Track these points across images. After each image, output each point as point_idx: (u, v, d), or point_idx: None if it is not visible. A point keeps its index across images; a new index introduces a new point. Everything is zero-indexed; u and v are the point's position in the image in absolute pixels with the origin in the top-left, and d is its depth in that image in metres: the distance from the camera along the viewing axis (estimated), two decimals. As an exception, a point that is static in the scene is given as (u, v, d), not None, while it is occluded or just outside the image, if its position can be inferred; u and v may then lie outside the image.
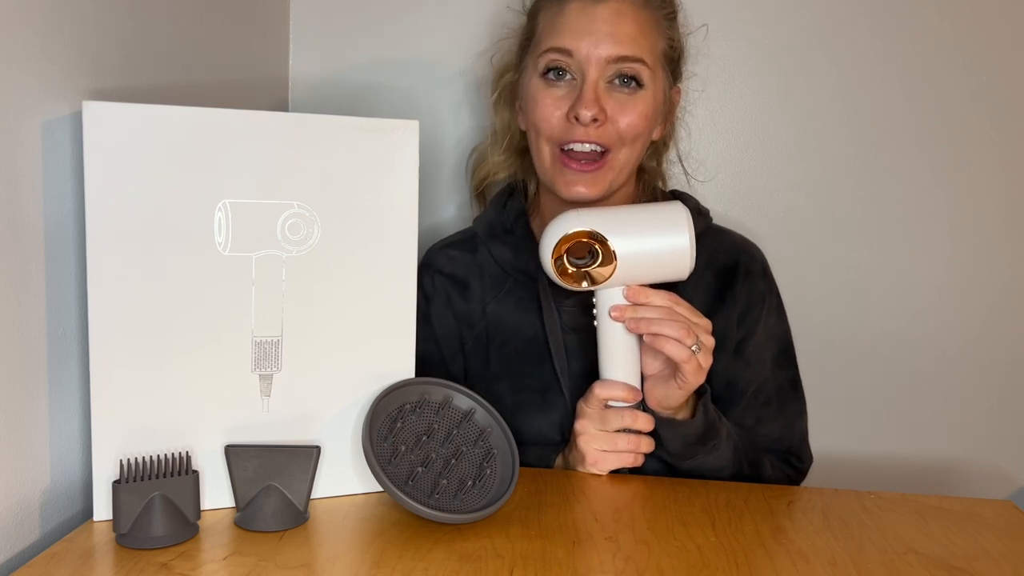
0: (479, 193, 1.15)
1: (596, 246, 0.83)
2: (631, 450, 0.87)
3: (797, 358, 1.02)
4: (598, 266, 0.83)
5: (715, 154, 1.24)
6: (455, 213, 1.28)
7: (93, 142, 0.69)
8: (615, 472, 0.88)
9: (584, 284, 0.85)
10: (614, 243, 0.82)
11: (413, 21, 1.25)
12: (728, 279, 0.99)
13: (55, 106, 0.71)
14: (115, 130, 0.70)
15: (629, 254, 0.83)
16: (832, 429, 1.25)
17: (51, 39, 0.70)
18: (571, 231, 0.83)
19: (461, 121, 1.26)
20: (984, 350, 1.24)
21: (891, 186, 1.23)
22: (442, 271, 1.05)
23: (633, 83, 0.92)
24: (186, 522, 0.70)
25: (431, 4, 1.24)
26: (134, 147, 0.70)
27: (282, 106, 1.25)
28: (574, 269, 0.84)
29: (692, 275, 0.97)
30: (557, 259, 0.84)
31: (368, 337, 0.80)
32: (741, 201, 1.24)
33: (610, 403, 0.87)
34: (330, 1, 1.25)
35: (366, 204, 0.78)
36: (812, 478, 1.02)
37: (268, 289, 0.76)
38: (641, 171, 1.05)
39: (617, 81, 0.92)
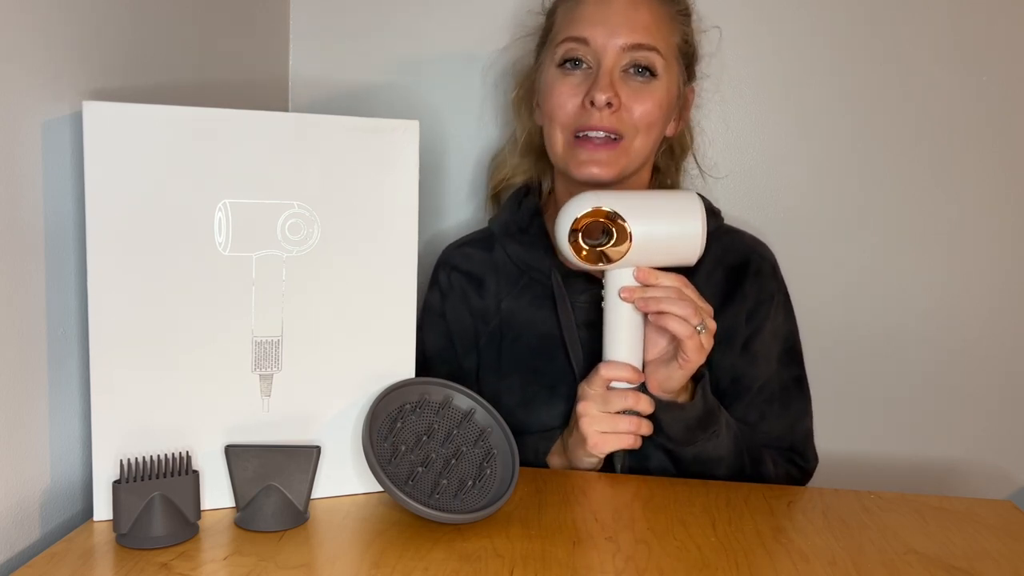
0: (495, 195, 1.16)
1: (611, 226, 0.84)
2: (631, 431, 0.87)
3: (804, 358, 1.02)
4: (613, 245, 0.84)
5: (716, 154, 1.23)
6: (460, 217, 1.28)
7: (93, 142, 0.69)
8: (614, 473, 0.88)
9: (600, 264, 0.86)
10: (631, 224, 0.84)
11: (413, 21, 1.25)
12: (738, 277, 1.00)
13: (55, 106, 0.71)
14: (115, 130, 0.70)
15: (644, 235, 0.84)
16: (832, 429, 1.25)
17: (51, 39, 0.70)
18: (590, 208, 0.84)
19: (462, 122, 1.26)
20: (984, 350, 1.24)
21: (891, 187, 1.23)
22: (458, 268, 1.06)
23: (647, 72, 0.94)
24: (186, 522, 0.70)
25: (431, 4, 1.24)
26: (134, 147, 0.70)
27: (282, 106, 1.25)
28: (587, 249, 0.85)
29: (704, 272, 0.98)
30: (573, 238, 0.85)
31: (368, 337, 0.80)
32: (742, 200, 1.24)
33: (613, 384, 0.88)
34: (330, 1, 1.25)
35: (366, 204, 0.78)
36: (813, 478, 1.02)
37: (268, 289, 0.76)
38: (655, 171, 1.06)
39: (632, 70, 0.93)
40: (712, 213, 1.03)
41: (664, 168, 1.08)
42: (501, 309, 1.03)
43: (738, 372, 0.98)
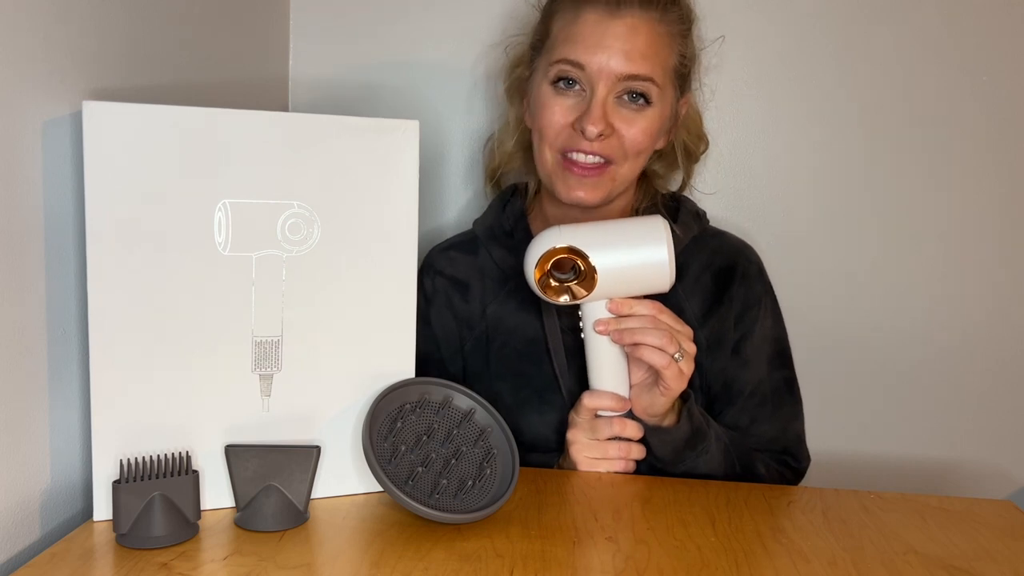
0: (495, 182, 1.14)
1: (578, 262, 0.83)
2: (622, 457, 0.88)
3: (795, 359, 1.02)
4: (579, 282, 0.84)
5: (713, 155, 1.23)
6: (460, 217, 1.28)
7: (93, 142, 0.69)
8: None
9: (563, 299, 0.85)
10: (594, 259, 0.83)
11: (413, 21, 1.24)
12: (726, 280, 0.99)
13: (55, 106, 0.71)
14: (115, 130, 0.70)
15: (608, 269, 0.83)
16: (832, 429, 1.25)
17: (51, 39, 0.70)
18: (551, 247, 0.83)
19: (461, 121, 1.26)
20: (984, 350, 1.24)
21: (891, 187, 1.22)
22: (442, 272, 1.05)
23: (641, 99, 0.92)
24: (186, 522, 0.70)
25: (431, 4, 1.24)
26: (134, 147, 0.70)
27: (282, 106, 1.25)
28: (557, 284, 0.85)
29: (691, 277, 0.98)
30: (541, 275, 0.85)
31: (368, 337, 0.80)
32: (742, 200, 1.24)
33: (600, 412, 0.88)
34: (330, 1, 1.25)
35: (366, 204, 0.78)
36: (812, 478, 1.02)
37: (268, 289, 0.76)
38: (643, 174, 1.05)
39: (626, 97, 0.92)
40: (696, 216, 1.03)
41: (649, 171, 1.06)
42: (487, 314, 1.02)
43: (729, 376, 0.98)
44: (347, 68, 1.26)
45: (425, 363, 1.03)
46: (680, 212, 1.02)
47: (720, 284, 0.99)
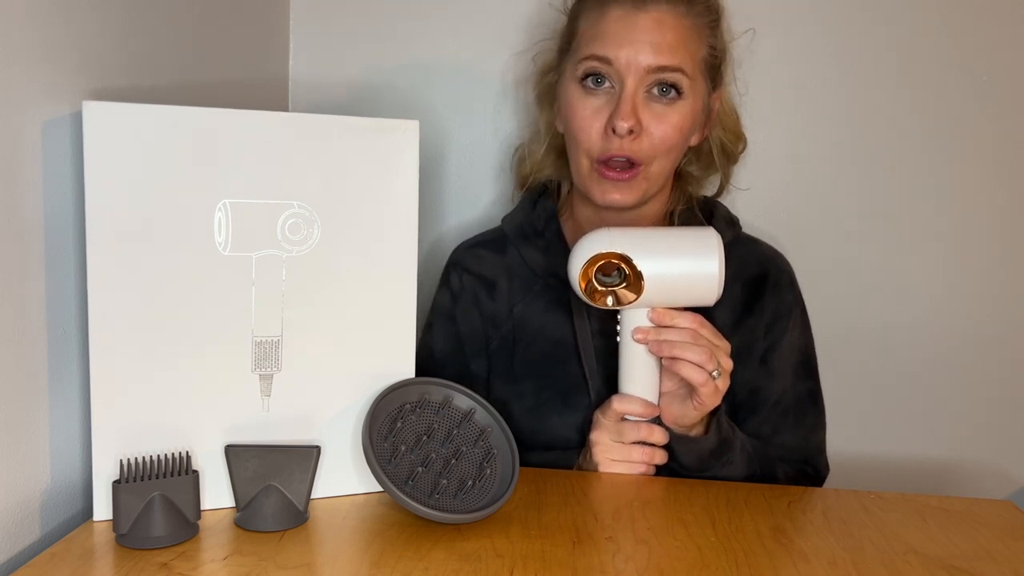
0: (525, 189, 1.13)
1: (624, 267, 0.82)
2: (644, 461, 0.87)
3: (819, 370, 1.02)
4: (624, 287, 0.83)
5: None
6: (460, 218, 1.28)
7: (93, 142, 0.69)
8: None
9: (609, 302, 0.84)
10: (642, 266, 0.82)
11: (414, 21, 1.24)
12: (756, 290, 0.99)
13: (55, 106, 0.71)
14: (115, 130, 0.70)
15: (656, 277, 0.82)
16: (832, 429, 1.24)
17: (51, 39, 0.70)
18: (600, 251, 0.83)
19: (462, 122, 1.26)
20: (984, 350, 1.24)
21: (891, 188, 1.22)
22: (469, 270, 1.05)
23: (672, 91, 0.91)
24: (186, 522, 0.70)
25: (431, 4, 1.24)
26: (134, 147, 0.70)
27: (282, 106, 1.25)
28: (601, 288, 0.84)
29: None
30: (586, 278, 0.84)
31: (368, 337, 0.80)
32: (742, 200, 1.24)
33: (627, 417, 0.88)
34: (330, 1, 1.25)
35: (366, 204, 0.78)
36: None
37: (268, 289, 0.76)
38: (679, 175, 1.03)
39: (656, 90, 0.91)
40: (730, 222, 1.02)
41: (685, 172, 1.05)
42: (513, 314, 1.01)
43: (755, 386, 0.97)
44: (347, 68, 1.26)
45: (447, 361, 1.02)
46: (714, 218, 1.01)
47: (750, 294, 0.99)
